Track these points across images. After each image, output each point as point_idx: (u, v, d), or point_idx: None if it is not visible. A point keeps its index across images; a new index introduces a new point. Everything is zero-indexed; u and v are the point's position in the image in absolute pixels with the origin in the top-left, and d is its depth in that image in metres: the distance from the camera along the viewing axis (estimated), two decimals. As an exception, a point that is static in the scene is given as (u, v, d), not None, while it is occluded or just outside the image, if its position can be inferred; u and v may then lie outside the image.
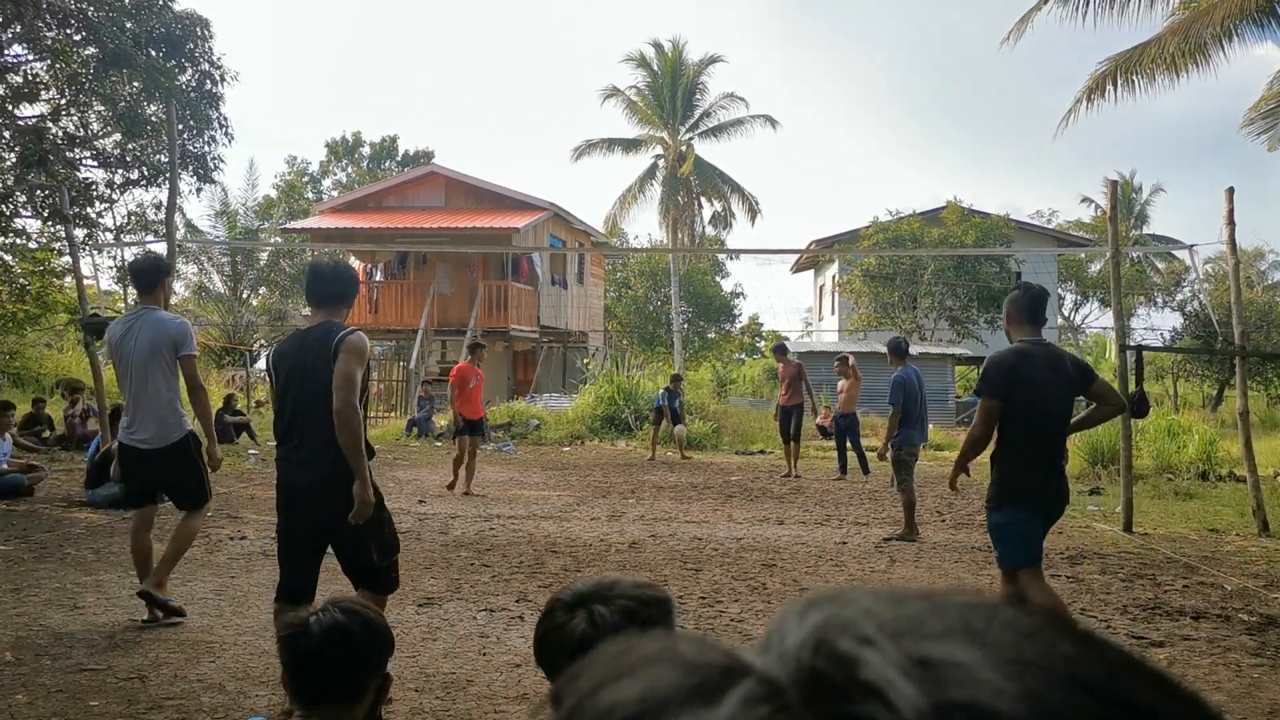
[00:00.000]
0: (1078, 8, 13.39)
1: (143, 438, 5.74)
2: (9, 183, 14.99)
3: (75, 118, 16.00)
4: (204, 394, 6.03)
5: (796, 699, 0.36)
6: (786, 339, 29.35)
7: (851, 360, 13.21)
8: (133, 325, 5.77)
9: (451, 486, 11.81)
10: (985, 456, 5.21)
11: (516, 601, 6.38)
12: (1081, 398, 5.23)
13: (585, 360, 26.26)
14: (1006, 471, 4.86)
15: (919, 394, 9.42)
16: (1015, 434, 4.83)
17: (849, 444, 13.58)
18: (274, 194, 43.12)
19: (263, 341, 29.56)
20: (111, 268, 17.90)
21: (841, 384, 13.34)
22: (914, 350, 13.87)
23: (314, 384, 4.18)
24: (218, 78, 16.06)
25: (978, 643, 0.37)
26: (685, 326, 37.26)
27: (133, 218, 17.15)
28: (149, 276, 5.91)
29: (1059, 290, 33.22)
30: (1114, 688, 0.36)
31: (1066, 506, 5.06)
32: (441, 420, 19.34)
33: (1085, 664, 0.37)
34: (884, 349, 10.31)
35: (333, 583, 6.87)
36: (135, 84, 15.34)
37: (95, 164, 16.15)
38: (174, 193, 11.75)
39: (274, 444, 4.63)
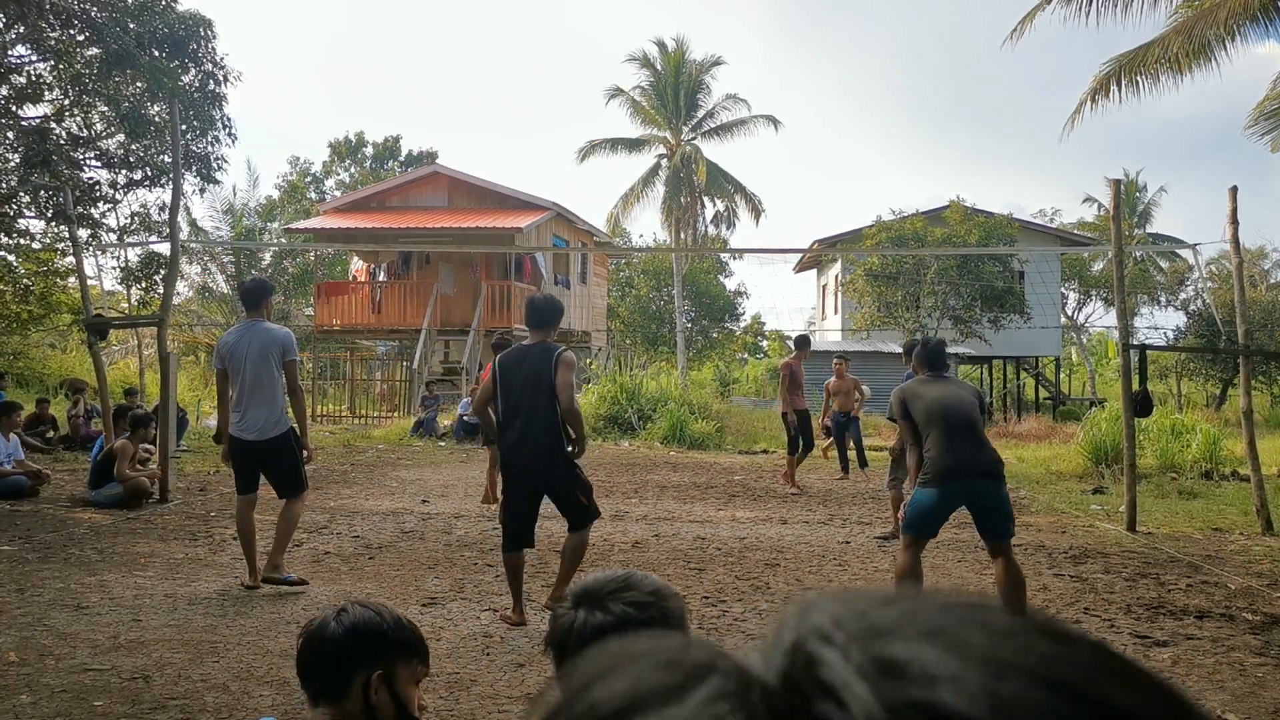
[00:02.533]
0: (1080, 7, 13.36)
1: (250, 432, 6.57)
2: (13, 183, 15.01)
3: (79, 118, 16.03)
4: (302, 395, 6.98)
5: (759, 699, 0.36)
6: (788, 336, 29.18)
7: (842, 363, 13.31)
8: (244, 334, 6.65)
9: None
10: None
11: (520, 601, 6.39)
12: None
13: (588, 360, 26.25)
14: (928, 460, 5.73)
15: None
16: (927, 434, 5.75)
17: (849, 440, 13.56)
18: (276, 195, 43.13)
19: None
20: (115, 268, 17.86)
21: (833, 382, 13.34)
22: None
23: (535, 385, 5.68)
24: (221, 78, 16.07)
25: (949, 644, 0.36)
26: (688, 326, 37.26)
27: (136, 218, 17.17)
28: (254, 296, 6.86)
29: (1062, 289, 33.15)
30: (1088, 689, 0.36)
31: (993, 483, 5.63)
32: (445, 420, 19.37)
33: (1060, 664, 0.36)
34: (887, 349, 10.31)
35: (334, 583, 6.88)
36: (138, 84, 15.37)
37: (99, 164, 16.18)
38: (177, 193, 11.75)
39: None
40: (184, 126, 14.65)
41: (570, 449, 5.84)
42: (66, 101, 15.73)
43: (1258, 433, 10.62)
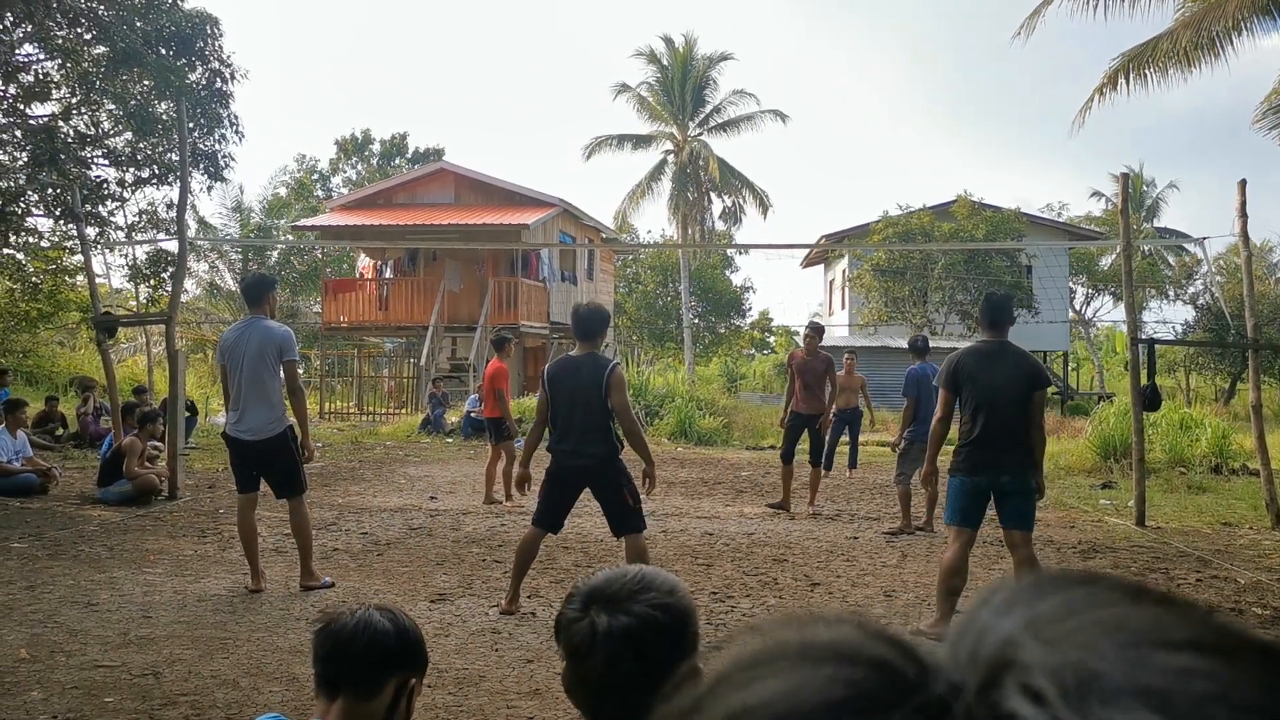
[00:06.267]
0: (1088, 1, 13.31)
1: (247, 431, 6.51)
2: (21, 182, 15.06)
3: (86, 116, 16.04)
4: (302, 395, 6.90)
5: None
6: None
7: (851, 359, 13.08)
8: (244, 331, 6.57)
9: (509, 497, 10.42)
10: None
11: (528, 598, 6.39)
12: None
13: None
14: (959, 447, 5.73)
15: (934, 391, 9.35)
16: (966, 417, 5.72)
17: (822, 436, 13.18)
18: (283, 192, 43.15)
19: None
20: (123, 266, 17.94)
21: (841, 376, 13.18)
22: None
23: (586, 399, 5.74)
24: (228, 76, 16.09)
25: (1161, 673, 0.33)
26: (695, 322, 37.24)
27: (144, 216, 17.19)
28: (256, 291, 6.75)
29: (1070, 284, 33.05)
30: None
31: (1021, 479, 5.58)
32: (452, 416, 19.38)
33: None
34: (895, 344, 10.25)
35: (343, 580, 6.89)
36: (146, 82, 15.37)
37: (106, 162, 16.20)
38: (185, 191, 11.79)
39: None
40: (191, 124, 14.65)
41: (620, 446, 5.95)
42: (74, 100, 15.74)
43: (1267, 427, 10.59)
